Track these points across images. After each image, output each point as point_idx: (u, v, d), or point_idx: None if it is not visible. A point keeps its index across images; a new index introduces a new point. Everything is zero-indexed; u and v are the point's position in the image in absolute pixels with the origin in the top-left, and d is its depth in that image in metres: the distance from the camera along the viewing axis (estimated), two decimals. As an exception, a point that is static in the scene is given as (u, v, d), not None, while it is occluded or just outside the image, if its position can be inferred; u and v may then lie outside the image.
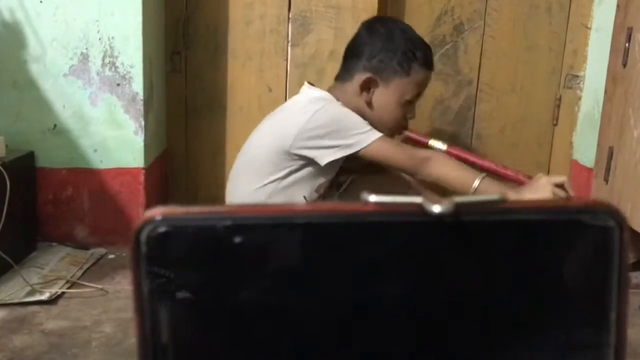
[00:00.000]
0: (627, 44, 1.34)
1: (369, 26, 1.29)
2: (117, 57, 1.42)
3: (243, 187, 1.27)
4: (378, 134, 1.20)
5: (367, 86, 1.25)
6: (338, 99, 1.25)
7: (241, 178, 1.28)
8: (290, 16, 1.62)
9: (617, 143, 1.38)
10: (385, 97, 1.25)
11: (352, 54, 1.28)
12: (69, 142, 1.45)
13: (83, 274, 1.35)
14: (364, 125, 1.20)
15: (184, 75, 1.68)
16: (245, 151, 1.30)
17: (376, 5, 1.60)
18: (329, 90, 1.29)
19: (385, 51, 1.24)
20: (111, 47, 1.42)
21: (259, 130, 1.29)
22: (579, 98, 1.82)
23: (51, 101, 1.43)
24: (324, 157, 1.20)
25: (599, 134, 1.48)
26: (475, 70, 1.77)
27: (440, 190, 1.27)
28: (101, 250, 1.49)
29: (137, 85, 1.44)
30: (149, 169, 1.51)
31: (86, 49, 1.42)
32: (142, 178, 1.48)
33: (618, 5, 1.41)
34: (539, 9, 1.76)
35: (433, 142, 1.36)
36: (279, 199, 1.23)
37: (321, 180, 1.26)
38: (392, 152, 1.22)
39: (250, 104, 1.66)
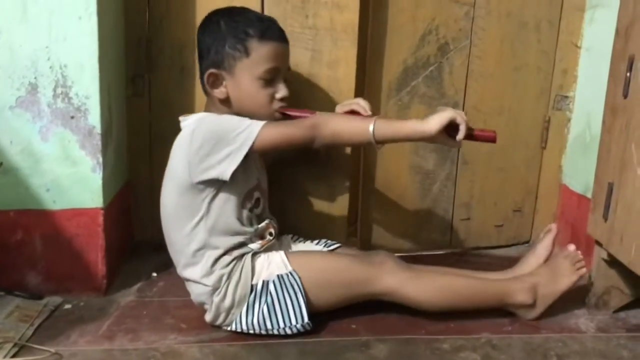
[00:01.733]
0: (628, 74, 1.25)
1: (199, 28, 1.30)
2: (70, 87, 1.28)
3: (176, 238, 1.25)
4: (260, 123, 1.19)
5: (215, 83, 1.26)
6: (211, 112, 1.27)
7: (170, 232, 1.25)
8: (263, 36, 1.48)
9: (617, 179, 1.28)
10: (238, 85, 1.25)
11: (199, 61, 1.30)
12: (17, 182, 1.30)
13: (34, 332, 1.21)
14: (243, 122, 1.19)
15: (148, 99, 1.54)
16: (162, 204, 1.27)
17: (357, 25, 1.48)
18: (205, 109, 1.31)
19: (216, 42, 1.24)
20: (64, 76, 1.27)
21: (163, 183, 1.27)
22: (569, 120, 1.73)
23: (-4, 137, 1.28)
24: (225, 171, 1.18)
25: (597, 167, 1.38)
26: (461, 92, 1.66)
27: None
28: (56, 299, 1.34)
29: (94, 117, 1.29)
30: (109, 207, 1.37)
31: (35, 78, 1.26)
32: (100, 219, 1.34)
33: (617, 31, 1.31)
34: (528, 27, 1.66)
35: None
36: (215, 235, 1.22)
37: (240, 194, 1.25)
38: (282, 132, 1.22)
39: (221, 131, 1.53)
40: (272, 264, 1.25)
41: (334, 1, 1.46)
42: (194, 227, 1.22)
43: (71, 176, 1.32)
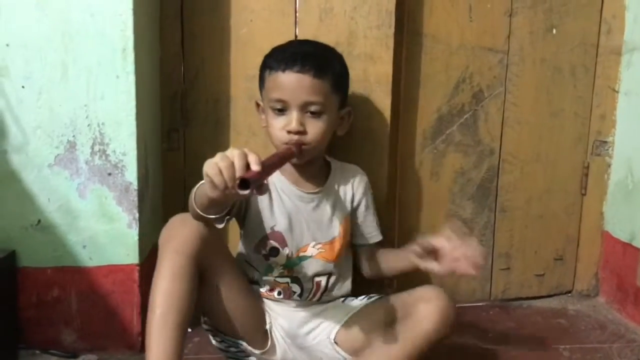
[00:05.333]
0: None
1: None
2: (107, 144, 1.28)
3: None
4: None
5: (258, 111, 1.30)
6: None
7: None
8: (297, 89, 1.49)
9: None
10: (264, 114, 1.26)
11: None
12: (54, 239, 1.30)
13: (70, 393, 1.19)
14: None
15: (183, 153, 1.54)
16: None
17: (390, 76, 1.47)
18: None
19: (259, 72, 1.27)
20: (101, 134, 1.28)
21: None
22: (609, 165, 1.69)
23: (34, 194, 1.28)
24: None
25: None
26: (497, 140, 1.64)
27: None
28: (91, 358, 1.33)
29: (131, 174, 1.30)
30: (144, 263, 1.36)
31: (73, 136, 1.28)
32: (136, 275, 1.33)
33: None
34: (563, 73, 1.64)
35: None
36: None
37: (253, 237, 1.24)
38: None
39: (255, 183, 1.52)
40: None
41: (367, 53, 1.46)
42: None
43: (108, 232, 1.31)
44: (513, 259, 1.70)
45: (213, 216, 1.04)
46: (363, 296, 1.32)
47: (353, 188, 1.33)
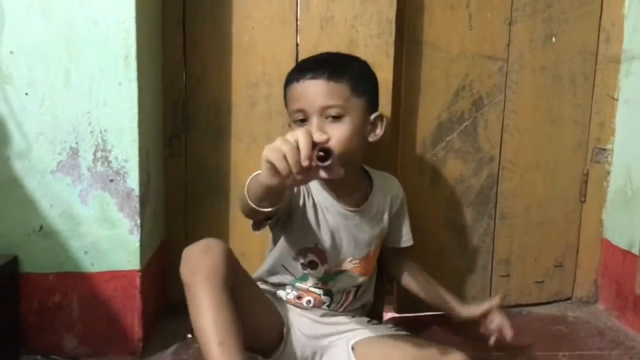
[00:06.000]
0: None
1: None
2: (110, 150, 1.29)
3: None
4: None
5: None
6: None
7: None
8: (297, 96, 1.50)
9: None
10: None
11: None
12: (56, 245, 1.31)
13: (71, 398, 1.20)
14: None
15: (184, 159, 1.55)
16: None
17: (391, 84, 1.49)
18: None
19: None
20: (103, 141, 1.29)
21: None
22: (608, 173, 1.70)
23: (37, 200, 1.29)
24: None
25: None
26: (496, 147, 1.65)
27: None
28: (92, 363, 1.33)
29: (133, 180, 1.31)
30: (145, 269, 1.36)
31: (76, 143, 1.29)
32: (138, 281, 1.34)
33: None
34: (562, 81, 1.65)
35: None
36: (270, 270, 1.31)
37: (294, 246, 1.26)
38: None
39: (256, 190, 1.53)
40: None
41: (367, 61, 1.46)
42: (267, 255, 1.29)
43: (109, 238, 1.32)
44: (513, 266, 1.70)
45: (267, 209, 0.99)
46: (390, 324, 1.37)
47: (391, 201, 1.35)
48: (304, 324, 1.26)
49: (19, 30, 1.25)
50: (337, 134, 1.14)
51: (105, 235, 1.32)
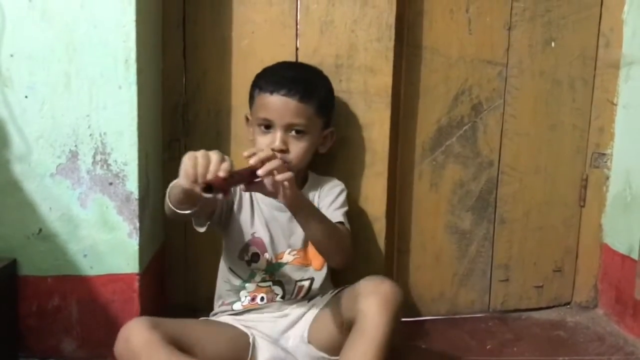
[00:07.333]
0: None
1: None
2: (109, 154, 1.29)
3: None
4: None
5: (246, 123, 1.39)
6: None
7: None
8: (297, 101, 1.50)
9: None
10: (252, 127, 1.34)
11: None
12: (55, 248, 1.31)
13: (69, 402, 1.19)
14: None
15: (183, 163, 1.55)
16: None
17: (390, 88, 1.49)
18: None
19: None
20: (103, 144, 1.29)
21: None
22: (607, 177, 1.70)
23: (36, 203, 1.29)
24: None
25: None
26: (495, 152, 1.65)
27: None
28: (91, 366, 1.33)
29: (132, 183, 1.31)
30: (144, 272, 1.36)
31: (75, 146, 1.29)
32: (136, 285, 1.34)
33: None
34: (562, 85, 1.66)
35: None
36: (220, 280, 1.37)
37: (236, 244, 1.31)
38: None
39: (255, 194, 1.53)
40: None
41: (367, 66, 1.47)
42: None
43: (108, 242, 1.32)
44: (512, 271, 1.70)
45: (185, 212, 1.10)
46: (330, 291, 1.36)
47: (320, 191, 1.38)
48: (265, 327, 1.29)
49: (20, 34, 1.25)
50: (296, 150, 1.29)
51: (104, 238, 1.32)
